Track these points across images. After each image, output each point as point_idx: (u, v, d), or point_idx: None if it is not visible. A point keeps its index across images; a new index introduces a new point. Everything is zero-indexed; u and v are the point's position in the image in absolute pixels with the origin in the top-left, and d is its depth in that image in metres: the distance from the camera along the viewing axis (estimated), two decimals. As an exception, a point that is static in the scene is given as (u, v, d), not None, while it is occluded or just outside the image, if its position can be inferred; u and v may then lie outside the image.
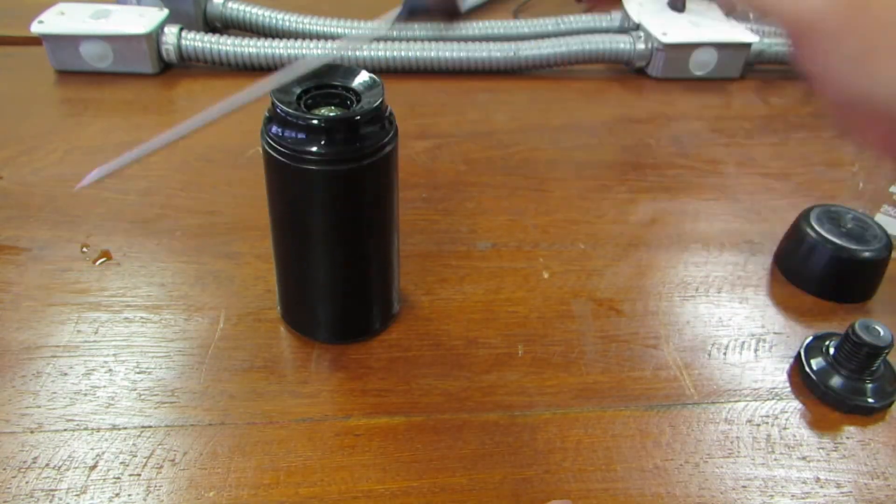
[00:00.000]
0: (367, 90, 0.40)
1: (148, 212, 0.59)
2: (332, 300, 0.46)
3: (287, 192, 0.41)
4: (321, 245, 0.43)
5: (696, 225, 0.63)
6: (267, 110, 0.40)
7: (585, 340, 0.50)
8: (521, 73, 0.89)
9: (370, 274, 0.46)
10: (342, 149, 0.38)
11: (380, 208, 0.43)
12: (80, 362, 0.45)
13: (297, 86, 0.40)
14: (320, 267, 0.44)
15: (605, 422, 0.44)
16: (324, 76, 0.40)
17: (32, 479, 0.38)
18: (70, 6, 0.82)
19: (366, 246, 0.44)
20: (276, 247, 0.45)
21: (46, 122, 0.72)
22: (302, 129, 0.38)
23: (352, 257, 0.44)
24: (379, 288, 0.47)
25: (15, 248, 0.55)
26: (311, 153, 0.38)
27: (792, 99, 0.89)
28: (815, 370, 0.47)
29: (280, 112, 0.38)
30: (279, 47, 0.83)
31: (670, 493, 0.40)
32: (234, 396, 0.44)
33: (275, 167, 0.40)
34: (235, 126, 0.74)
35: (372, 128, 0.39)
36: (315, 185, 0.40)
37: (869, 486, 0.41)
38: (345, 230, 0.42)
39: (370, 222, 0.43)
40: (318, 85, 0.40)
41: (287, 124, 0.38)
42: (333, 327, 0.48)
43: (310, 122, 0.38)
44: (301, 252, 0.44)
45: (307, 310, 0.47)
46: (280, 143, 0.38)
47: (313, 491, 0.39)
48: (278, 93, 0.39)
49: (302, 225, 0.42)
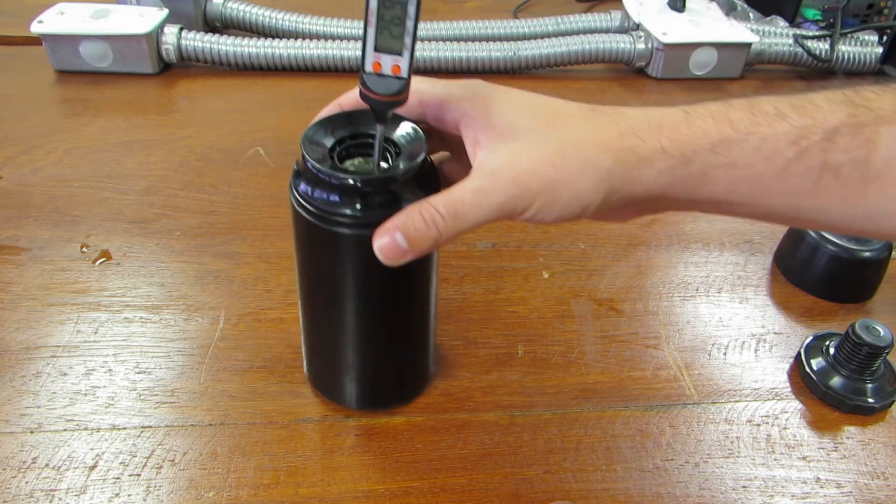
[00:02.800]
0: (408, 142, 0.35)
1: (148, 212, 0.59)
2: (362, 371, 0.41)
3: (317, 254, 0.37)
4: (353, 314, 0.38)
5: (696, 225, 0.63)
6: (296, 163, 0.35)
7: (585, 340, 0.50)
8: (521, 73, 0.89)
9: (406, 344, 0.42)
10: (379, 212, 0.32)
11: (419, 274, 0.38)
12: (79, 362, 0.45)
13: (329, 135, 0.35)
14: (351, 336, 0.39)
15: (605, 422, 0.44)
16: (359, 123, 0.36)
17: (32, 479, 0.38)
18: (70, 6, 0.82)
19: (403, 316, 0.40)
20: (304, 307, 0.41)
21: (46, 122, 0.72)
22: (335, 189, 0.33)
23: (387, 328, 0.40)
24: (414, 358, 0.43)
25: (15, 248, 0.55)
26: (344, 215, 0.33)
27: (792, 99, 0.89)
28: (815, 370, 0.47)
29: (311, 168, 0.33)
30: (279, 47, 0.83)
31: (670, 493, 0.40)
32: (234, 396, 0.44)
33: (303, 226, 0.35)
34: (235, 126, 0.74)
35: (413, 187, 0.34)
36: (348, 250, 0.35)
37: (869, 486, 0.41)
38: (380, 299, 0.38)
39: (408, 291, 0.38)
40: (352, 134, 0.36)
41: (318, 183, 0.33)
42: (363, 397, 0.43)
43: (344, 182, 0.33)
44: (330, 317, 0.39)
45: (335, 376, 0.43)
46: (310, 202, 0.34)
47: (313, 491, 0.39)
48: (309, 143, 0.34)
49: (332, 290, 0.37)
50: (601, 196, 0.31)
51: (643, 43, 0.88)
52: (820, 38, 0.92)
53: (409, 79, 0.32)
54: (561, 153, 0.31)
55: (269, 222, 0.59)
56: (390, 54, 0.31)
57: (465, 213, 0.31)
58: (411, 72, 0.31)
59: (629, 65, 0.90)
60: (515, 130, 0.32)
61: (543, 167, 0.31)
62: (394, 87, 0.31)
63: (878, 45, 0.94)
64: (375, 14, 0.30)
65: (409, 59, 0.31)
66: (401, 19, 0.30)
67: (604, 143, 0.31)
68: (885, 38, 0.89)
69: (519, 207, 0.31)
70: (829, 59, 0.91)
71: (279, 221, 0.59)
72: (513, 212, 0.31)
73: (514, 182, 0.31)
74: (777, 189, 0.30)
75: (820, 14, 1.01)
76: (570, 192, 0.31)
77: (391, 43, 0.31)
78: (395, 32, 0.30)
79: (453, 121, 0.34)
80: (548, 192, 0.31)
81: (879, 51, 0.92)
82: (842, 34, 0.93)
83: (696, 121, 0.31)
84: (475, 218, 0.31)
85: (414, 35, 0.30)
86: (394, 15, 0.30)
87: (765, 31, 0.94)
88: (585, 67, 0.91)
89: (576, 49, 0.87)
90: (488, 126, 0.32)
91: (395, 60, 0.31)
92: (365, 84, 0.32)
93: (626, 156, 0.31)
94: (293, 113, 0.76)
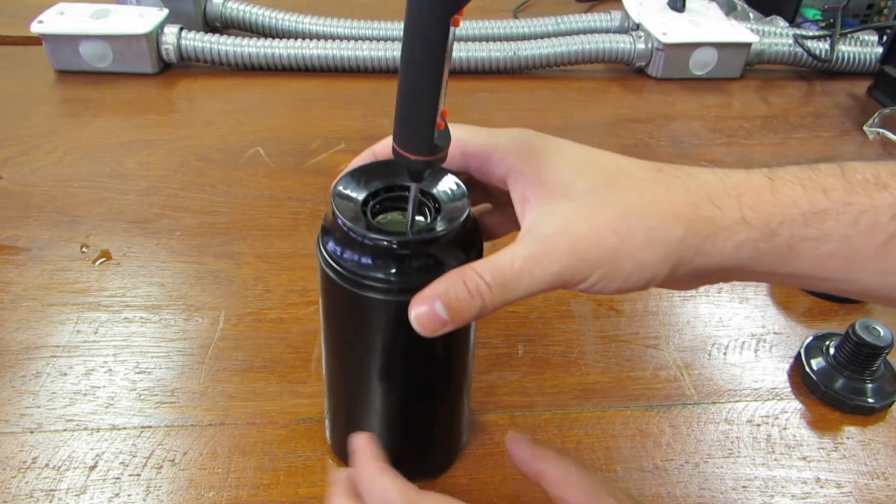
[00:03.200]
0: (449, 199, 0.32)
1: (148, 212, 0.59)
2: (391, 442, 0.36)
3: (345, 318, 0.34)
4: (383, 381, 0.35)
5: (696, 225, 0.63)
6: (324, 218, 0.32)
7: (585, 340, 0.50)
8: (521, 73, 0.89)
9: (439, 415, 0.38)
10: (416, 277, 0.29)
11: (456, 346, 0.35)
12: (79, 362, 0.45)
13: (361, 187, 0.32)
14: (378, 409, 0.36)
15: (605, 422, 0.44)
16: (395, 174, 0.32)
17: (32, 479, 0.38)
18: (70, 6, 0.82)
19: (437, 386, 0.36)
20: (329, 369, 0.38)
21: (46, 122, 0.72)
22: (367, 251, 0.30)
23: (419, 402, 0.37)
24: (446, 433, 0.40)
25: (15, 248, 0.55)
26: (377, 280, 0.30)
27: (792, 99, 0.89)
28: (815, 370, 0.47)
29: (342, 226, 0.30)
30: (279, 47, 0.83)
31: (670, 493, 0.40)
32: (234, 396, 0.44)
33: (331, 288, 0.32)
34: (235, 126, 0.74)
35: (455, 250, 0.31)
36: (380, 317, 0.32)
37: (869, 486, 0.41)
38: (412, 371, 0.35)
39: (443, 364, 0.35)
40: (388, 186, 0.32)
41: (349, 243, 0.30)
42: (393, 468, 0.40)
43: (378, 244, 0.29)
44: (356, 386, 0.36)
45: None
46: (339, 263, 0.30)
47: (313, 491, 0.39)
48: (339, 198, 0.31)
49: (361, 355, 0.34)
50: (668, 268, 0.28)
51: (643, 43, 0.88)
52: (820, 38, 0.92)
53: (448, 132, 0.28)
54: (625, 220, 0.28)
55: (269, 222, 0.59)
56: None
57: (515, 283, 0.28)
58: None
59: (629, 65, 0.90)
60: (571, 190, 0.29)
61: (605, 235, 0.28)
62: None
63: (878, 45, 0.94)
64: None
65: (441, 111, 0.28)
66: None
67: (675, 211, 0.28)
68: (885, 38, 0.89)
69: (576, 278, 0.28)
70: (829, 59, 0.91)
71: (279, 221, 0.59)
72: (568, 282, 0.28)
73: (570, 251, 0.28)
74: (874, 267, 0.27)
75: (820, 14, 1.01)
76: (635, 264, 0.28)
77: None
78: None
79: (499, 174, 0.31)
80: (609, 264, 0.28)
81: (879, 51, 0.92)
82: (842, 34, 0.93)
83: (783, 188, 0.28)
84: (525, 288, 0.28)
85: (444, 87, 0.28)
86: None
87: (765, 31, 0.94)
88: (585, 67, 0.91)
89: (576, 49, 0.87)
90: (539, 183, 0.29)
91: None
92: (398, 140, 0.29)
93: (700, 226, 0.28)
94: (293, 113, 0.76)
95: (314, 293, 0.52)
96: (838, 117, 0.84)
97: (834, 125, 0.82)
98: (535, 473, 0.32)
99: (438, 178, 0.32)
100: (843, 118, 0.84)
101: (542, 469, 0.31)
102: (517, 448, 0.33)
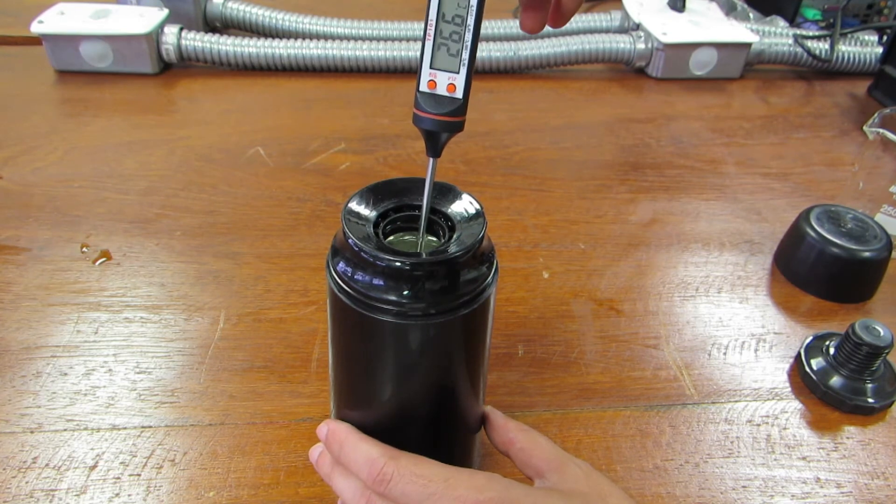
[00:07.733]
0: (464, 220, 0.31)
1: (148, 212, 0.59)
2: None
3: (355, 341, 0.33)
4: (392, 408, 0.34)
5: (696, 225, 0.63)
6: (335, 237, 0.31)
7: (585, 340, 0.50)
8: (521, 73, 0.89)
9: (451, 438, 0.37)
10: (429, 300, 0.29)
11: (469, 364, 0.34)
12: (80, 362, 0.45)
13: (372, 207, 0.31)
14: (389, 429, 0.35)
15: (605, 422, 0.44)
16: (407, 193, 0.32)
17: (32, 479, 0.38)
18: (70, 6, 0.82)
19: (447, 417, 0.35)
20: (337, 391, 0.36)
21: (46, 122, 0.72)
22: (379, 272, 0.29)
23: (428, 428, 0.36)
24: (459, 452, 0.38)
25: (15, 248, 0.55)
26: (388, 302, 0.29)
27: (792, 99, 0.89)
28: (815, 370, 0.47)
29: (353, 246, 0.29)
30: (279, 47, 0.83)
31: (670, 493, 0.40)
32: (234, 396, 0.44)
33: (340, 310, 0.31)
34: (235, 126, 0.74)
35: (469, 272, 0.30)
36: (390, 339, 0.31)
37: (869, 486, 0.41)
38: (423, 395, 0.34)
39: (455, 381, 0.34)
40: (399, 206, 0.31)
41: (360, 264, 0.29)
42: None
43: (390, 265, 0.28)
44: (365, 410, 0.35)
45: None
46: (349, 285, 0.29)
47: (313, 491, 0.39)
48: (350, 218, 0.30)
49: (369, 380, 0.33)
50: None
51: (643, 43, 0.88)
52: (820, 38, 0.92)
53: (466, 100, 0.29)
54: None
55: (269, 222, 0.59)
56: (446, 72, 0.28)
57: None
58: (468, 92, 0.29)
59: (629, 65, 0.90)
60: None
61: None
62: (448, 108, 0.29)
63: (878, 45, 0.94)
64: (434, 27, 0.28)
65: (467, 78, 0.28)
66: (459, 35, 0.28)
67: None
68: (885, 38, 0.89)
69: None
70: (829, 59, 0.92)
71: (279, 221, 0.59)
72: None
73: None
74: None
75: (820, 14, 1.01)
76: None
77: (447, 60, 0.28)
78: (453, 49, 0.28)
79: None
80: None
81: (879, 51, 0.92)
82: (842, 34, 0.93)
83: None
84: None
85: (473, 51, 0.28)
86: (452, 30, 0.28)
87: (765, 31, 0.94)
88: (585, 67, 0.91)
89: (576, 49, 0.87)
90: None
91: (451, 78, 0.28)
92: (418, 103, 0.29)
93: None
94: (293, 113, 0.77)
95: (314, 293, 0.52)
96: (838, 117, 0.84)
97: (834, 125, 0.82)
98: (503, 442, 0.35)
99: (453, 198, 0.32)
100: (842, 118, 0.84)
101: (511, 437, 0.34)
102: (491, 419, 0.36)
